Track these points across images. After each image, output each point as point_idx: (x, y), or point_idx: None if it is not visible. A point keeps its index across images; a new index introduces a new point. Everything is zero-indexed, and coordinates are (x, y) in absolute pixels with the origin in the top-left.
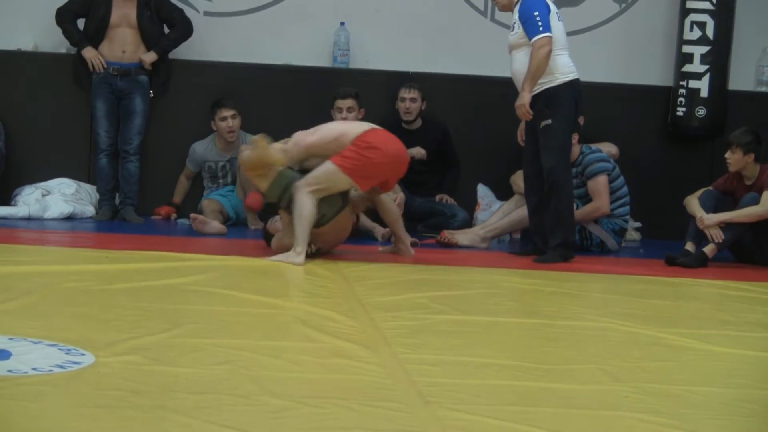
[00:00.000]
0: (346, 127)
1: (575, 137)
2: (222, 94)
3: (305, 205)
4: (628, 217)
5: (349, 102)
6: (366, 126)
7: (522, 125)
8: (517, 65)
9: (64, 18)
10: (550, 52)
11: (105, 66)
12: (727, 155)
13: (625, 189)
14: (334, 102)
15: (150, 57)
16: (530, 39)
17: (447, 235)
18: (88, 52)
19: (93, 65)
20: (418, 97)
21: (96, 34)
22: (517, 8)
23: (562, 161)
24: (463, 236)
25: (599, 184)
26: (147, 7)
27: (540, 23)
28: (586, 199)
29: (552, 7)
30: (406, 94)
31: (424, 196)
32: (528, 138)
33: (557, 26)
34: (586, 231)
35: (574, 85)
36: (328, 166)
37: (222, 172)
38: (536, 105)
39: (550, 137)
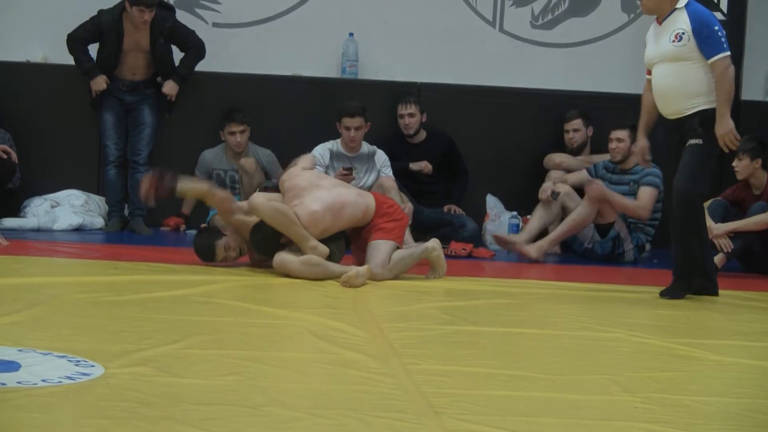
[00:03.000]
0: (359, 199)
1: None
2: (230, 105)
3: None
4: (651, 237)
5: (357, 121)
6: (364, 193)
7: (643, 143)
8: (672, 80)
9: (75, 46)
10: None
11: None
12: (734, 164)
13: (659, 214)
14: (342, 119)
15: (173, 89)
16: (710, 57)
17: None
18: (96, 85)
19: (95, 93)
20: (416, 112)
21: (108, 61)
22: (684, 17)
23: (697, 185)
24: (531, 248)
25: (647, 193)
26: (161, 34)
27: (723, 40)
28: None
29: None
30: (403, 110)
31: (432, 207)
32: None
33: None
34: (619, 240)
35: None
36: (389, 245)
37: (230, 181)
38: (688, 123)
39: (695, 157)
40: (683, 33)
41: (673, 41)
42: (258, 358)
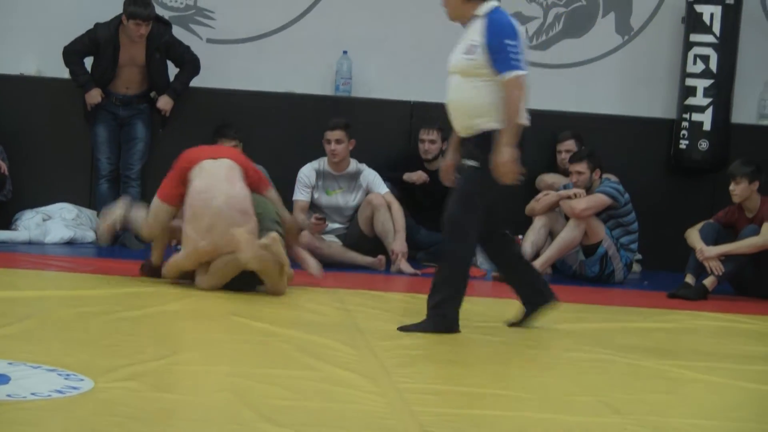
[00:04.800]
0: (233, 189)
1: (597, 173)
2: (224, 121)
3: None
4: (636, 253)
5: (337, 133)
6: (232, 178)
7: (449, 161)
8: (464, 95)
9: (71, 59)
10: (524, 97)
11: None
12: (731, 187)
13: (635, 225)
14: (324, 133)
15: (167, 105)
16: (500, 73)
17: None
18: (91, 98)
19: (90, 106)
20: (438, 139)
21: (104, 74)
22: (480, 27)
23: (465, 211)
24: None
25: (592, 196)
26: (157, 49)
27: (515, 57)
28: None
29: (521, 31)
30: (425, 135)
31: (431, 230)
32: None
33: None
34: (607, 258)
35: (521, 131)
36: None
37: None
38: (468, 143)
39: (469, 180)
40: (476, 45)
41: (465, 53)
42: (248, 374)
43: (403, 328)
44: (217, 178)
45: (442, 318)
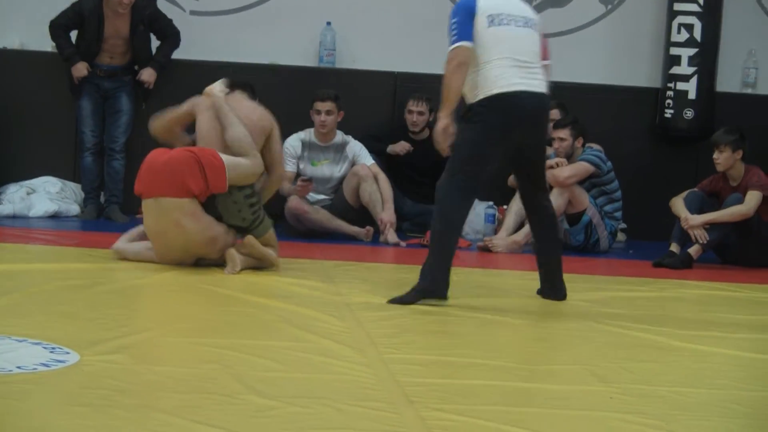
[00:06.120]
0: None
1: (579, 141)
2: None
3: None
4: (621, 221)
5: (327, 105)
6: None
7: None
8: None
9: (57, 33)
10: (459, 66)
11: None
12: (715, 156)
13: (619, 193)
14: (314, 103)
15: (151, 77)
16: None
17: (487, 242)
18: (77, 72)
19: (77, 80)
20: (426, 110)
21: (89, 48)
22: None
23: (448, 178)
24: (500, 241)
25: (575, 164)
26: (141, 22)
27: (455, 31)
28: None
29: (483, 6)
30: (413, 107)
31: (417, 201)
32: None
33: (490, 32)
34: (592, 227)
35: (494, 100)
36: None
37: None
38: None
39: (450, 157)
40: None
41: None
42: (235, 346)
43: (393, 301)
44: (164, 224)
45: (428, 282)
